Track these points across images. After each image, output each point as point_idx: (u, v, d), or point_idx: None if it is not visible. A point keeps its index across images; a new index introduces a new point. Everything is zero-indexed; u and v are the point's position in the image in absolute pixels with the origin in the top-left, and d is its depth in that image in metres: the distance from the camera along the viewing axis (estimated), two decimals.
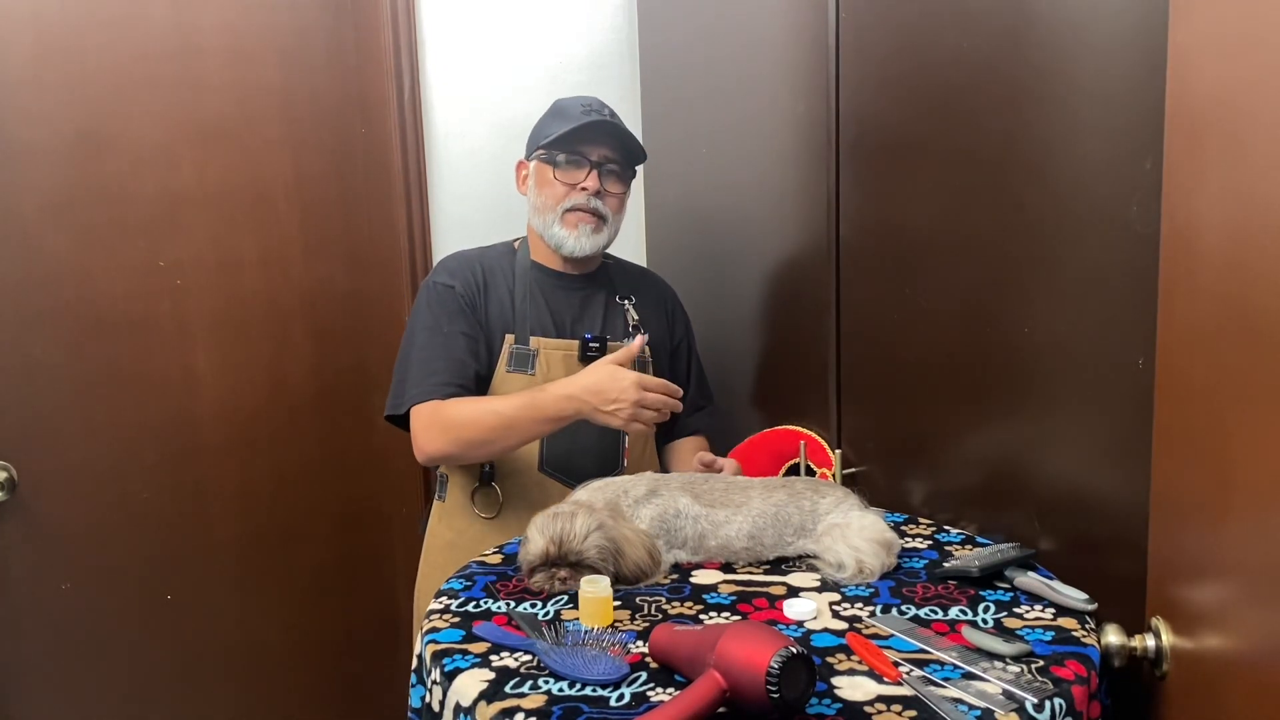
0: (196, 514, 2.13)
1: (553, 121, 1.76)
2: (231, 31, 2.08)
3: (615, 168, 1.76)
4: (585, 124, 1.71)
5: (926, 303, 1.59)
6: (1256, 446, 0.90)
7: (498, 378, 1.74)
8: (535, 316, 1.77)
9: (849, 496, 1.52)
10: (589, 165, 1.73)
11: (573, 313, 1.80)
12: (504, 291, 1.77)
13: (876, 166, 1.68)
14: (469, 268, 1.78)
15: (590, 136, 1.73)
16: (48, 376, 1.96)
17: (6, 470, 1.94)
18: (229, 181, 2.11)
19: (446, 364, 1.68)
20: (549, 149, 1.74)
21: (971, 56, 1.45)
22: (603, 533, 1.36)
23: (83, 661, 2.04)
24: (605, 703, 1.07)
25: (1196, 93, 1.00)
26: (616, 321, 1.83)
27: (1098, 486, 1.31)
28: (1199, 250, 1.00)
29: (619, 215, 1.80)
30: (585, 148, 1.73)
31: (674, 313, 1.95)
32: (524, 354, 1.74)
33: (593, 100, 1.77)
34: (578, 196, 1.73)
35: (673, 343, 1.93)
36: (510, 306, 1.76)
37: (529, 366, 1.73)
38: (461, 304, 1.73)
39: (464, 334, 1.71)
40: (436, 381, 1.67)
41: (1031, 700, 1.03)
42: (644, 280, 1.95)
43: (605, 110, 1.76)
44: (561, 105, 1.79)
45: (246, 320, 2.15)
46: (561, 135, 1.71)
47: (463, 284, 1.75)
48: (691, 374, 1.96)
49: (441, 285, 1.75)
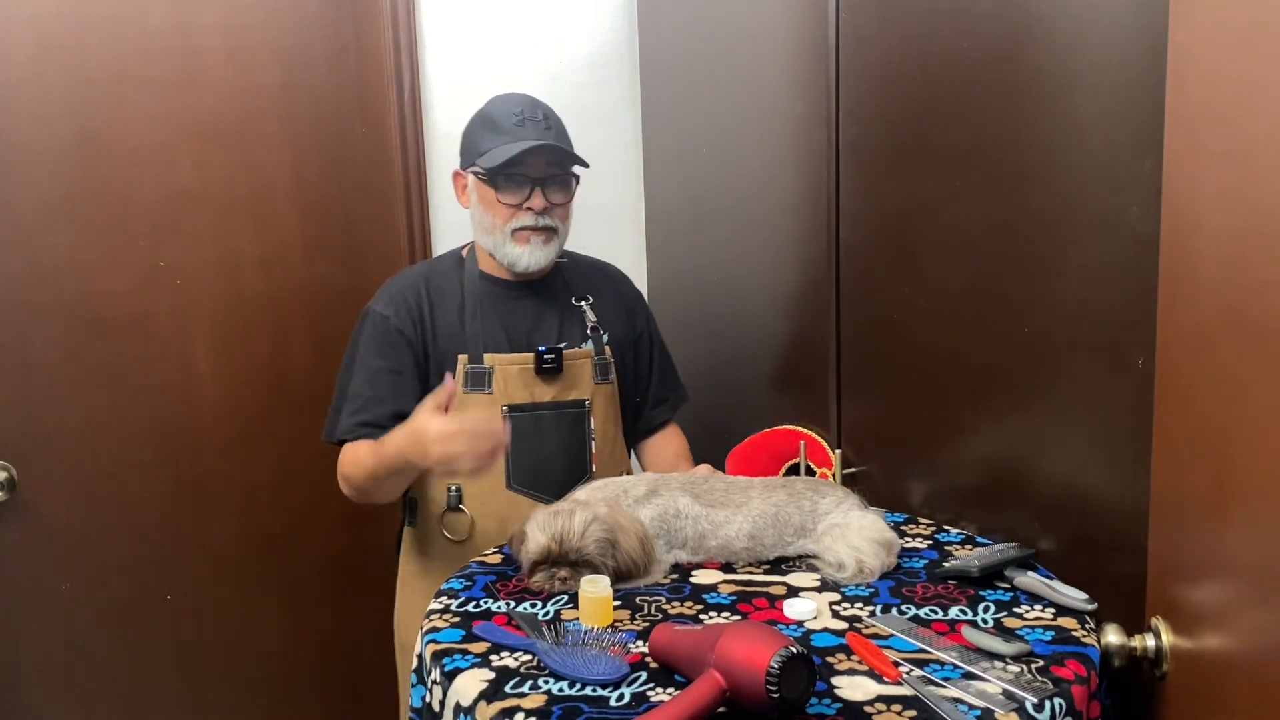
0: (196, 514, 2.13)
1: (485, 134, 1.68)
2: (231, 31, 2.08)
3: (558, 176, 1.69)
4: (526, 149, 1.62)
5: (926, 302, 1.59)
6: (1256, 446, 0.90)
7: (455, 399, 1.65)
8: (488, 333, 1.71)
9: (849, 496, 1.52)
10: (531, 184, 1.66)
11: (527, 323, 1.74)
12: (453, 310, 1.72)
13: (876, 166, 1.68)
14: (412, 291, 1.72)
15: (534, 150, 1.65)
16: (48, 376, 1.96)
17: (6, 470, 1.94)
18: (229, 181, 2.11)
19: (366, 403, 1.65)
20: (488, 171, 1.66)
21: (971, 56, 1.45)
22: (600, 525, 1.36)
23: (83, 661, 2.04)
24: (605, 703, 1.07)
25: (1196, 93, 1.00)
26: (574, 326, 1.77)
27: (1098, 486, 1.31)
28: (1199, 250, 1.00)
29: (569, 220, 1.74)
30: (525, 164, 1.65)
31: (634, 306, 1.90)
32: (480, 373, 1.69)
33: (524, 104, 1.69)
34: (524, 216, 1.67)
35: (634, 336, 1.87)
36: (460, 325, 1.71)
37: (486, 385, 1.68)
38: (394, 336, 1.68)
39: (390, 370, 1.67)
40: (355, 423, 1.64)
41: (1031, 700, 1.03)
42: (600, 277, 1.88)
43: (538, 114, 1.68)
44: (491, 114, 1.70)
45: (246, 320, 2.15)
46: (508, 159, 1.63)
47: (400, 314, 1.69)
48: (654, 367, 1.91)
49: (378, 315, 1.70)
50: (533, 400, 1.70)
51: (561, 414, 1.72)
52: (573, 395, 1.73)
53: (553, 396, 1.71)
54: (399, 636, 1.81)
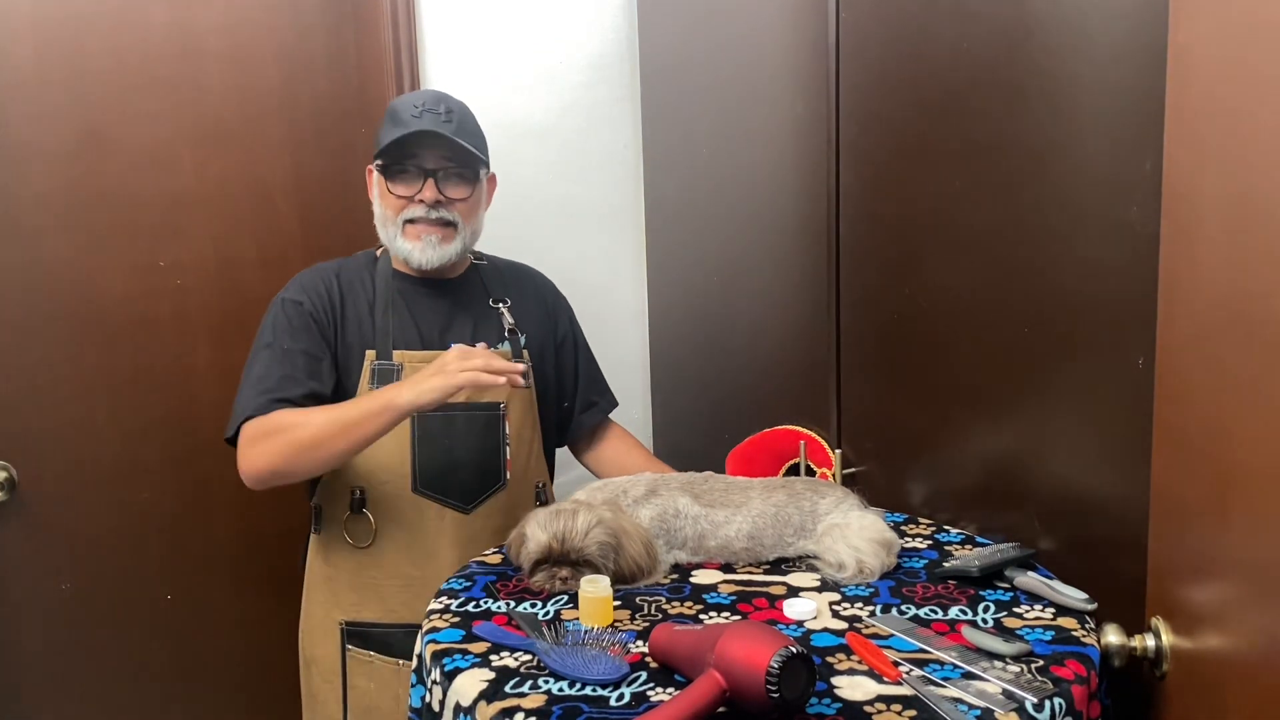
0: (196, 514, 2.13)
1: (386, 126, 1.65)
2: (232, 32, 2.08)
3: (455, 170, 1.65)
4: (411, 133, 1.59)
5: (926, 302, 1.59)
6: (1256, 446, 0.90)
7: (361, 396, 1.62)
8: (398, 329, 1.66)
9: (849, 496, 1.52)
10: (424, 174, 1.62)
11: (440, 322, 1.69)
12: (363, 305, 1.67)
13: (876, 166, 1.68)
14: (323, 283, 1.67)
15: (424, 141, 1.61)
16: (48, 376, 1.96)
17: (6, 470, 1.94)
18: (229, 182, 2.11)
19: (280, 381, 1.57)
20: (381, 159, 1.63)
21: (971, 56, 1.45)
22: (603, 527, 1.36)
23: (83, 661, 2.04)
24: (605, 703, 1.07)
25: (1196, 93, 1.00)
26: (489, 327, 1.72)
27: (1098, 486, 1.31)
28: (1199, 250, 1.00)
29: (474, 218, 1.69)
30: (419, 156, 1.62)
31: (555, 308, 1.86)
32: (387, 369, 1.62)
33: (428, 98, 1.65)
34: (415, 208, 1.63)
35: (556, 339, 1.83)
36: (370, 321, 1.66)
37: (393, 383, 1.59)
38: (308, 320, 1.63)
39: (304, 352, 1.61)
40: (267, 399, 1.55)
41: (1031, 700, 1.03)
42: (520, 278, 1.84)
43: (440, 109, 1.63)
44: (395, 108, 1.66)
45: (246, 320, 2.13)
46: (388, 146, 1.60)
47: (313, 300, 1.64)
48: (580, 370, 1.87)
49: (290, 301, 1.65)
50: None
51: (474, 416, 1.66)
52: (487, 397, 1.66)
53: (466, 397, 1.61)
54: (303, 649, 1.75)
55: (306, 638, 1.75)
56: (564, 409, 1.87)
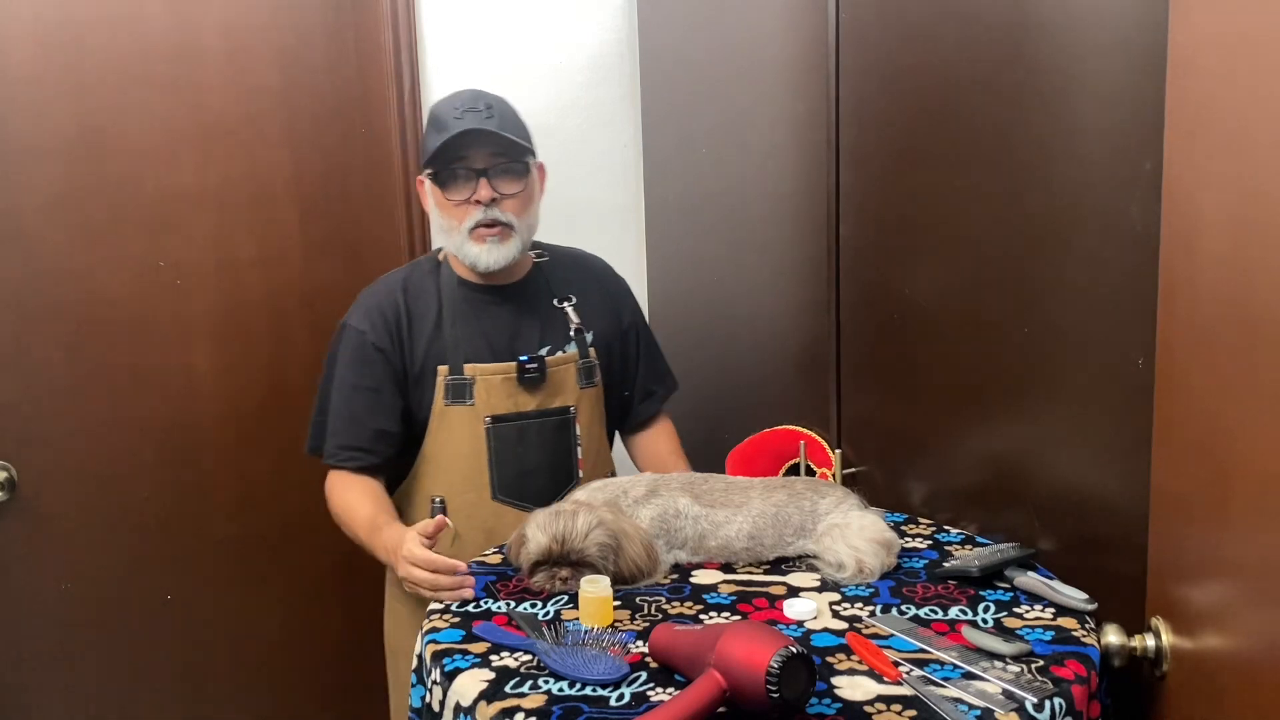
0: (196, 514, 2.12)
1: (430, 134, 1.65)
2: (231, 31, 2.08)
3: (504, 164, 1.63)
4: (456, 134, 1.59)
5: (926, 302, 1.59)
6: (1256, 446, 0.90)
7: (437, 411, 1.66)
8: (467, 342, 1.67)
9: (849, 496, 1.52)
10: (474, 175, 1.62)
11: (508, 330, 1.70)
12: (430, 320, 1.68)
13: (876, 166, 1.68)
14: (389, 302, 1.69)
15: (469, 141, 1.60)
16: (47, 376, 1.97)
17: (6, 470, 1.94)
18: (229, 181, 2.11)
19: (346, 424, 1.66)
20: (432, 168, 1.64)
21: (971, 55, 1.45)
22: (604, 529, 1.36)
23: (83, 661, 2.04)
24: (605, 703, 1.07)
25: (1196, 93, 1.00)
26: (556, 329, 1.73)
27: (1098, 486, 1.31)
28: (1199, 250, 1.00)
29: (528, 212, 1.68)
30: (467, 157, 1.62)
31: (619, 300, 1.86)
32: (460, 385, 1.65)
33: (466, 98, 1.65)
34: (475, 213, 1.62)
35: (621, 330, 1.83)
36: (439, 335, 1.67)
37: (467, 397, 1.65)
38: (370, 353, 1.66)
39: (368, 389, 1.65)
40: (335, 444, 1.67)
41: (1031, 700, 1.03)
42: (582, 271, 1.83)
43: (480, 105, 1.63)
44: (436, 113, 1.66)
45: (246, 320, 2.15)
46: (436, 151, 1.60)
47: (377, 328, 1.67)
48: (641, 358, 1.87)
49: (354, 330, 1.68)
50: (516, 410, 1.67)
51: (546, 423, 1.69)
52: (557, 403, 1.70)
53: (536, 405, 1.68)
54: (388, 641, 1.80)
55: (391, 630, 1.79)
56: (624, 397, 1.88)
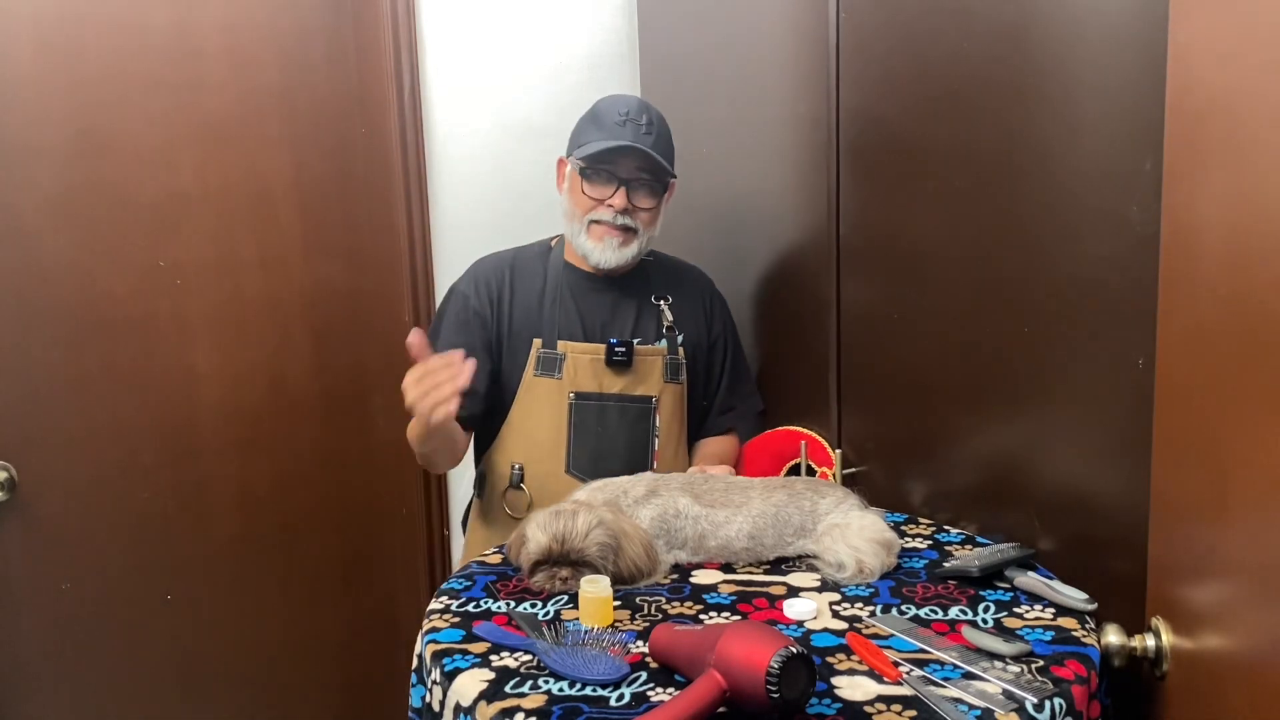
0: (196, 514, 2.12)
1: (588, 127, 1.75)
2: (231, 32, 2.08)
3: (647, 181, 1.74)
4: (613, 147, 1.69)
5: (927, 302, 1.59)
6: (1256, 447, 0.90)
7: (526, 381, 1.76)
8: (564, 320, 1.77)
9: (849, 496, 1.52)
10: (617, 182, 1.71)
11: (603, 316, 1.80)
12: (533, 295, 1.79)
13: (877, 166, 1.68)
14: (495, 274, 1.80)
15: (623, 150, 1.70)
16: (48, 376, 1.96)
17: (6, 470, 1.94)
18: (229, 181, 2.10)
19: None
20: (582, 160, 1.72)
21: (972, 56, 1.45)
22: (604, 529, 1.36)
23: (83, 661, 2.04)
24: (605, 703, 1.07)
25: (1196, 93, 1.00)
26: (649, 323, 1.82)
27: (1098, 486, 1.31)
28: (1199, 250, 1.00)
29: (653, 225, 1.78)
30: (615, 163, 1.71)
31: (712, 308, 1.93)
32: (551, 358, 1.75)
33: (633, 106, 1.73)
34: (603, 211, 1.72)
35: (710, 340, 1.91)
36: (538, 310, 1.77)
37: (556, 370, 1.74)
38: (470, 316, 1.76)
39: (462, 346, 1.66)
40: None
41: (1031, 700, 1.03)
42: (683, 277, 1.93)
43: (643, 119, 1.73)
44: (598, 111, 1.76)
45: (246, 320, 2.15)
46: (595, 153, 1.70)
47: (481, 294, 1.78)
48: (725, 372, 1.93)
49: (459, 294, 1.79)
50: (600, 390, 1.75)
51: (627, 407, 1.77)
52: (640, 390, 1.78)
53: (620, 389, 1.76)
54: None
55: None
56: (703, 407, 1.93)
